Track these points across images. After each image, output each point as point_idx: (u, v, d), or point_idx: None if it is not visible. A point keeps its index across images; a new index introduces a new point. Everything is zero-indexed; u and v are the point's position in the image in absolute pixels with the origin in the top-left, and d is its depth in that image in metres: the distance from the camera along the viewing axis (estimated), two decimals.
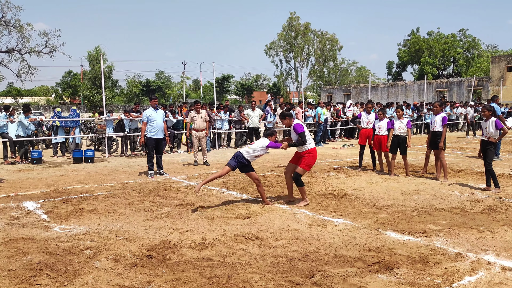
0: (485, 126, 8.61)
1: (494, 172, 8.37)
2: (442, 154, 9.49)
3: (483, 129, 8.67)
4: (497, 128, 8.41)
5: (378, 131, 10.62)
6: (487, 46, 66.75)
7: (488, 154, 8.42)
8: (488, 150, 8.43)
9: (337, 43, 63.06)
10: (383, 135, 10.50)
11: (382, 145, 10.52)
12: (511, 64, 38.25)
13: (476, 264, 4.55)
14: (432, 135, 9.67)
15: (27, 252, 4.99)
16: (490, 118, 8.55)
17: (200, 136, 12.12)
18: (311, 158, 7.22)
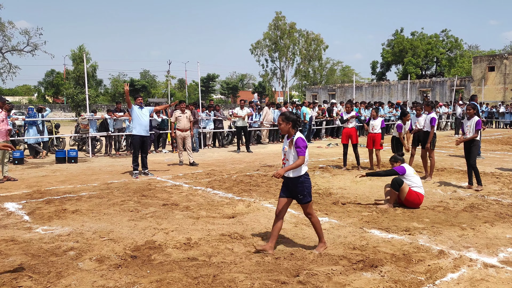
0: (467, 124, 8.64)
1: (478, 169, 8.47)
2: (432, 153, 9.61)
3: (465, 127, 8.67)
4: (476, 128, 8.44)
5: (371, 130, 10.80)
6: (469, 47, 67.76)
7: (473, 152, 8.47)
8: (473, 147, 8.49)
9: (322, 43, 63.35)
10: (376, 133, 10.68)
11: (375, 143, 10.69)
12: (492, 64, 38.92)
13: (458, 261, 4.62)
14: (423, 134, 9.80)
15: (9, 254, 4.90)
16: (473, 116, 8.59)
17: (184, 136, 12.06)
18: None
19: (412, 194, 6.93)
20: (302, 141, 4.87)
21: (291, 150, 4.91)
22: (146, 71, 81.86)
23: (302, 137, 4.92)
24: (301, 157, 4.80)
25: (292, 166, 4.79)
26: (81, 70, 48.82)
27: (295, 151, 4.84)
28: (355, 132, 11.10)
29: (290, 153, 4.92)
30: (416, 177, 7.15)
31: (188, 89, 74.15)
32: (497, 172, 10.41)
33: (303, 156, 4.81)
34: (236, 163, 12.35)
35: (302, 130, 18.35)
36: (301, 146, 4.83)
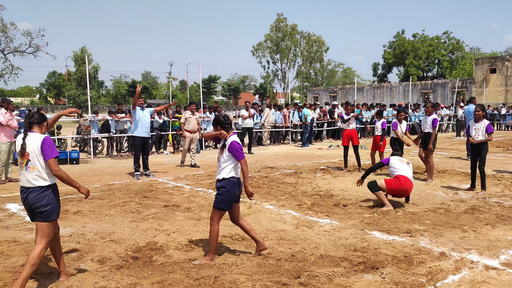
0: (475, 127, 8.33)
1: (485, 174, 8.37)
2: (431, 156, 9.59)
3: (472, 130, 8.36)
4: (487, 132, 8.16)
5: (375, 131, 10.87)
6: (471, 49, 67.75)
7: (482, 155, 8.22)
8: (482, 150, 8.21)
9: (324, 45, 63.38)
10: (377, 136, 10.72)
11: (377, 145, 10.72)
12: (493, 66, 38.89)
13: (459, 263, 4.62)
14: (424, 136, 9.80)
15: (11, 255, 4.92)
16: (482, 119, 8.31)
17: (193, 137, 12.06)
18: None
19: (390, 182, 7.10)
20: (237, 143, 4.64)
21: (223, 155, 4.67)
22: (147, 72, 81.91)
23: (237, 140, 4.67)
24: (242, 160, 4.61)
25: (246, 175, 4.66)
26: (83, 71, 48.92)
27: (231, 154, 4.61)
28: (356, 134, 11.12)
29: (222, 157, 4.69)
30: (400, 163, 7.36)
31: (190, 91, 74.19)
32: (498, 174, 10.40)
33: (244, 159, 4.64)
34: None
35: (303, 132, 18.36)
36: (238, 149, 4.61)
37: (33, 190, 3.97)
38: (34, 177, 3.97)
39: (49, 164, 3.96)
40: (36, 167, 3.97)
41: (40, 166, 3.97)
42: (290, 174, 10.49)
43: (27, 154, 3.97)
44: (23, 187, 4.03)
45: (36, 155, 3.96)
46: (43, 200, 3.96)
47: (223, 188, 4.63)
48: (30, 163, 3.97)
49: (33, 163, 3.96)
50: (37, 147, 3.96)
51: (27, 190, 3.99)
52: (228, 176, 4.62)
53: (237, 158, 4.60)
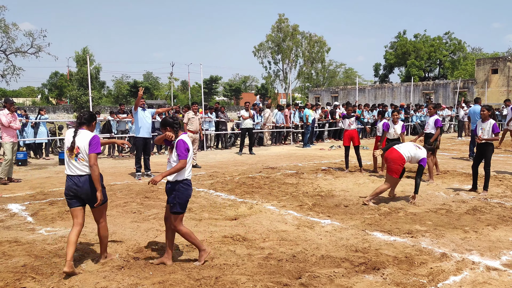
0: (481, 127, 8.34)
1: (489, 175, 8.36)
2: (428, 156, 9.53)
3: (479, 129, 8.37)
4: (493, 132, 8.16)
5: (378, 132, 10.86)
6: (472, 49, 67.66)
7: (487, 156, 8.21)
8: (487, 151, 8.20)
9: (325, 45, 63.37)
10: (379, 136, 10.73)
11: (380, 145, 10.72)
12: (495, 66, 38.83)
13: (461, 264, 4.61)
14: (425, 137, 9.78)
15: (12, 255, 4.93)
16: (488, 119, 8.32)
17: (195, 138, 12.05)
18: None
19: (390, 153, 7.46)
20: (182, 143, 4.55)
21: (172, 155, 4.62)
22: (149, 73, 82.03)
23: (183, 139, 4.57)
24: (181, 160, 4.49)
25: (171, 170, 4.49)
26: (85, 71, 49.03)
27: (176, 154, 4.55)
28: (356, 134, 11.11)
29: (171, 157, 4.64)
30: None
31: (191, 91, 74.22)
32: (499, 175, 10.38)
33: (184, 160, 4.50)
34: (238, 165, 12.36)
35: (304, 132, 18.35)
36: (182, 149, 4.52)
37: (84, 179, 4.54)
38: (84, 167, 4.54)
39: (90, 157, 4.53)
40: (85, 159, 4.54)
41: (87, 157, 4.55)
42: (291, 175, 10.49)
43: (77, 148, 4.52)
44: (72, 175, 4.55)
45: (85, 149, 4.53)
46: (92, 187, 4.55)
47: (176, 191, 4.56)
48: (80, 155, 4.54)
49: (82, 155, 4.54)
50: (86, 143, 4.53)
51: (79, 178, 4.54)
52: (181, 178, 4.55)
53: (179, 157, 4.51)
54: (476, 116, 13.29)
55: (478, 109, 13.35)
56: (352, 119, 11.18)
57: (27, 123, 14.09)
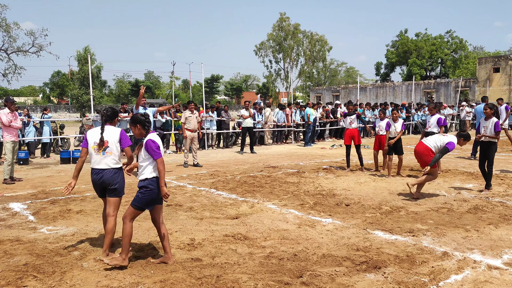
0: (484, 125, 8.40)
1: (492, 173, 8.37)
2: None
3: (481, 128, 8.43)
4: (494, 130, 8.23)
5: (377, 130, 10.77)
6: (474, 48, 67.57)
7: (489, 154, 8.24)
8: (490, 150, 8.24)
9: (327, 44, 63.31)
10: (382, 135, 10.65)
11: (382, 144, 10.66)
12: (497, 65, 38.77)
13: (462, 263, 4.61)
14: (426, 135, 9.70)
15: (14, 254, 4.94)
16: (491, 117, 8.39)
17: (194, 136, 12.06)
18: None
19: None
20: (152, 142, 4.52)
21: (141, 153, 4.58)
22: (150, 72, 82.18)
23: (152, 139, 4.54)
24: (158, 159, 4.49)
25: (161, 175, 4.49)
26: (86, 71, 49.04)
27: (148, 154, 4.52)
28: (357, 133, 11.09)
29: (140, 155, 4.60)
30: None
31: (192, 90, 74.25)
32: (501, 173, 10.37)
33: (160, 158, 4.51)
34: (239, 164, 12.36)
35: (306, 131, 18.35)
36: (154, 148, 4.50)
37: (109, 171, 4.88)
38: (110, 160, 4.89)
39: (126, 150, 5.00)
40: (113, 152, 4.90)
41: (116, 151, 4.92)
42: (292, 174, 10.49)
43: (106, 142, 4.88)
44: (97, 168, 4.89)
45: (114, 143, 4.90)
46: (116, 179, 4.92)
47: (145, 187, 4.54)
48: (108, 149, 4.88)
49: (110, 149, 4.89)
50: (116, 137, 4.93)
51: (103, 171, 4.88)
52: (150, 176, 4.53)
53: (153, 157, 4.50)
54: (482, 114, 13.23)
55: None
56: (353, 117, 11.15)
57: (29, 122, 14.12)
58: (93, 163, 4.94)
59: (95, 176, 4.93)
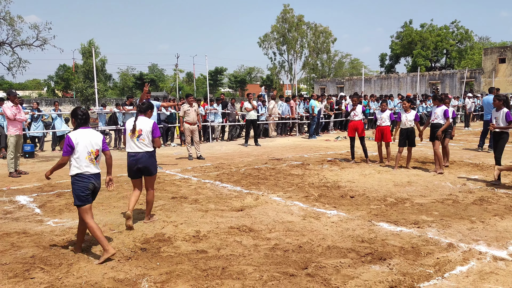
0: (495, 116, 8.46)
1: (500, 163, 8.37)
2: (436, 146, 9.42)
3: (493, 118, 8.52)
4: (506, 120, 8.29)
5: (380, 122, 10.70)
6: (480, 38, 67.02)
7: (500, 145, 8.31)
8: (501, 140, 8.29)
9: (331, 36, 62.97)
10: (385, 126, 10.58)
11: (384, 136, 10.59)
12: (503, 56, 38.47)
13: (467, 254, 4.60)
14: (432, 127, 9.62)
15: (21, 246, 4.98)
16: (502, 108, 8.42)
17: (193, 129, 12.08)
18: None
19: None
20: (67, 139, 4.62)
21: None
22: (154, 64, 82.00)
23: (69, 136, 4.63)
24: (63, 156, 4.62)
25: (54, 166, 4.72)
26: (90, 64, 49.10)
27: None
28: (362, 125, 11.02)
29: None
30: None
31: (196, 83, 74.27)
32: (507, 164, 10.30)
33: (63, 156, 4.62)
34: (244, 157, 12.37)
35: (310, 123, 18.31)
36: (65, 143, 4.62)
37: (143, 155, 5.67)
38: (144, 145, 5.70)
39: (156, 140, 5.78)
40: (146, 139, 5.71)
41: (148, 139, 5.73)
42: (297, 166, 10.49)
43: (140, 130, 5.69)
44: (133, 152, 5.69)
45: (147, 132, 5.71)
46: (150, 161, 5.72)
47: (72, 185, 4.69)
48: (141, 136, 5.69)
49: (144, 136, 5.70)
50: (149, 127, 5.73)
51: (138, 154, 5.67)
52: (73, 173, 4.65)
53: None
54: (490, 106, 13.13)
55: (491, 99, 13.18)
56: (358, 110, 11.05)
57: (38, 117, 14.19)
58: (129, 147, 5.73)
59: (131, 159, 5.69)
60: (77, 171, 4.63)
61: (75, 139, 4.60)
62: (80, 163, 4.63)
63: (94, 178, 4.73)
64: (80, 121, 4.75)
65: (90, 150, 4.68)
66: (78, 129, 4.72)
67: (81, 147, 4.62)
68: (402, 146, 9.96)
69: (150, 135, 5.72)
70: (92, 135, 4.77)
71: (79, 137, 4.66)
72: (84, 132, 4.72)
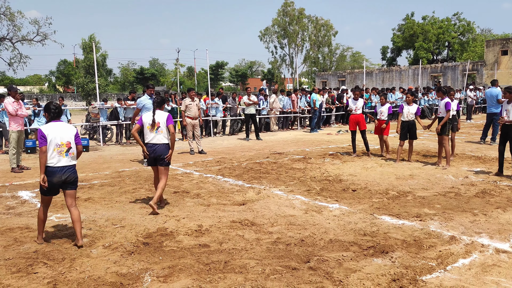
0: (506, 108, 8.27)
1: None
2: (445, 141, 9.31)
3: (504, 111, 8.32)
4: None
5: (379, 116, 10.68)
6: (482, 30, 66.65)
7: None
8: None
9: (332, 29, 62.71)
10: (384, 120, 10.56)
11: (383, 129, 10.57)
12: (505, 48, 38.26)
13: (470, 247, 4.60)
14: (438, 121, 9.50)
15: (24, 241, 5.00)
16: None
17: (195, 123, 12.06)
18: None
19: None
20: (39, 131, 4.77)
21: None
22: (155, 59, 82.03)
23: (40, 128, 4.76)
24: (41, 148, 4.70)
25: (41, 167, 4.74)
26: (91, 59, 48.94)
27: None
28: (362, 119, 10.97)
29: None
30: None
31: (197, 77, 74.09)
32: (508, 157, 10.28)
33: (41, 147, 4.69)
34: (246, 151, 12.37)
35: (312, 117, 18.29)
36: (39, 137, 4.74)
37: (160, 146, 6.21)
38: (162, 137, 6.23)
39: (170, 127, 6.26)
40: (163, 131, 6.24)
41: (165, 130, 6.25)
42: (298, 160, 10.48)
43: (158, 123, 6.21)
44: (152, 143, 6.21)
45: (163, 124, 6.23)
46: (165, 152, 6.22)
47: None
48: (159, 129, 6.21)
49: (161, 129, 6.23)
50: (164, 119, 6.24)
51: (156, 145, 6.20)
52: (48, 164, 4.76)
53: None
54: (493, 99, 13.06)
55: (495, 92, 13.10)
56: (360, 104, 11.01)
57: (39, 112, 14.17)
58: (147, 139, 6.24)
59: (149, 149, 6.22)
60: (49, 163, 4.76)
61: (46, 131, 4.74)
62: (48, 155, 4.74)
63: (60, 171, 4.79)
64: (53, 115, 4.90)
65: (60, 142, 4.79)
66: (50, 123, 4.87)
67: (50, 140, 4.75)
68: (403, 139, 9.93)
69: (165, 126, 6.24)
70: (64, 128, 4.88)
71: (50, 130, 4.80)
72: (56, 125, 4.86)
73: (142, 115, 6.39)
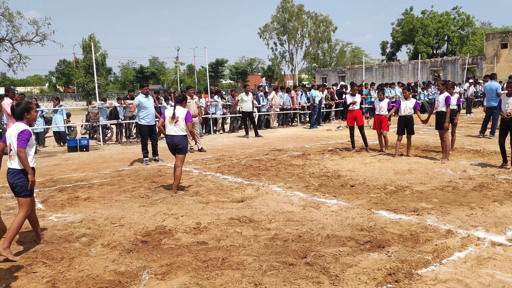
0: (507, 102, 8.26)
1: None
2: (446, 135, 9.30)
3: (505, 104, 8.31)
4: None
5: (378, 111, 10.69)
6: (481, 24, 66.51)
7: None
8: None
9: (331, 24, 62.59)
10: (383, 115, 10.57)
11: (382, 124, 10.59)
12: (505, 41, 38.15)
13: (466, 240, 4.63)
14: (436, 115, 9.50)
15: (23, 241, 5.04)
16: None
17: (194, 121, 12.08)
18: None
19: None
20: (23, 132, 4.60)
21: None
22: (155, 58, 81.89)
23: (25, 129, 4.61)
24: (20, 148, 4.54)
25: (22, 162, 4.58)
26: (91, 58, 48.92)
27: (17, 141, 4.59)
28: (360, 114, 11.00)
29: None
30: None
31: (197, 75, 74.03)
32: (508, 150, 10.28)
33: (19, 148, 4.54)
34: (245, 148, 12.39)
35: (311, 113, 18.29)
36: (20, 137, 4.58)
37: (178, 137, 7.11)
38: (179, 130, 7.14)
39: (188, 124, 7.17)
40: (181, 124, 7.15)
41: (183, 124, 7.17)
42: (298, 156, 10.51)
43: (177, 117, 7.12)
44: (170, 135, 7.14)
45: (182, 118, 7.15)
46: (182, 142, 7.13)
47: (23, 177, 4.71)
48: (178, 122, 7.12)
49: (179, 122, 7.13)
50: (183, 115, 7.16)
51: (174, 137, 7.12)
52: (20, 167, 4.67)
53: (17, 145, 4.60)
54: (492, 92, 13.04)
55: (494, 85, 13.08)
56: (357, 99, 11.03)
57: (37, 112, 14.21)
58: (167, 131, 7.17)
59: (169, 140, 7.15)
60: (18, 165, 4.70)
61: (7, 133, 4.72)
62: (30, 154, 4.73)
63: (8, 173, 4.73)
64: (14, 115, 4.78)
65: (8, 143, 4.71)
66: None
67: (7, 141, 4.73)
68: (400, 134, 9.97)
69: (183, 120, 7.12)
70: (13, 129, 4.67)
71: (9, 130, 4.73)
72: (13, 125, 4.74)
73: (164, 111, 7.41)
